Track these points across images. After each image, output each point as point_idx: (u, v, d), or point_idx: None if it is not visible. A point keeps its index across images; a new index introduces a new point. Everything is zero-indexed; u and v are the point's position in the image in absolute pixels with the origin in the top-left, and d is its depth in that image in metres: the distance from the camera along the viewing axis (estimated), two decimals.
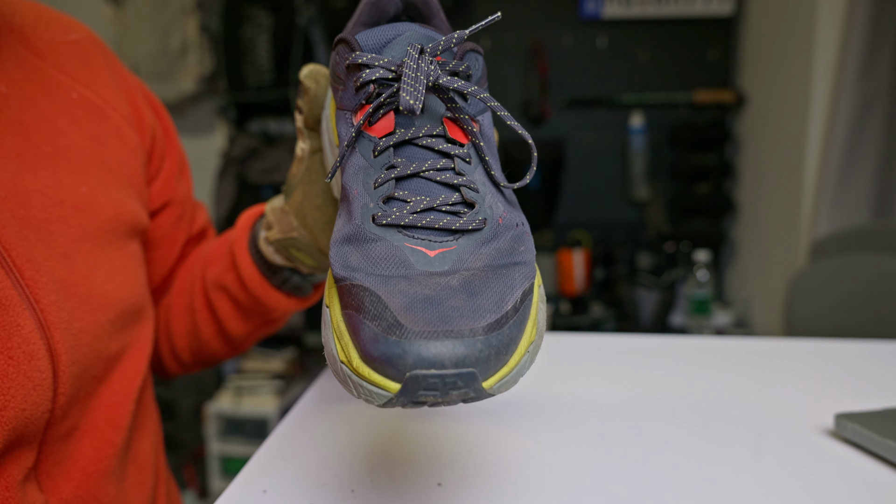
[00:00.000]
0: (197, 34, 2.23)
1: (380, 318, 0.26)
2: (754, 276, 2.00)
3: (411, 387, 0.25)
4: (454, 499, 0.36)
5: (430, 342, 0.25)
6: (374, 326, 0.26)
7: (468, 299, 0.27)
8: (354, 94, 0.34)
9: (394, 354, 0.25)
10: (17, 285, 0.37)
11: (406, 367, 0.25)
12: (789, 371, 0.59)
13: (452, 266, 0.29)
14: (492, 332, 0.26)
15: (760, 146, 1.95)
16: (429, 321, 0.26)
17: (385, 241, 0.30)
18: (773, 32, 1.87)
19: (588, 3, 2.16)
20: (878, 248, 1.17)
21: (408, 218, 0.31)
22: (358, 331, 0.27)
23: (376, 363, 0.26)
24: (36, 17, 0.47)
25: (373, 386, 0.26)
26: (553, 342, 0.68)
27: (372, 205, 0.31)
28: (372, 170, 0.32)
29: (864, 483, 0.38)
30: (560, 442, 0.44)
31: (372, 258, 0.29)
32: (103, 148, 0.47)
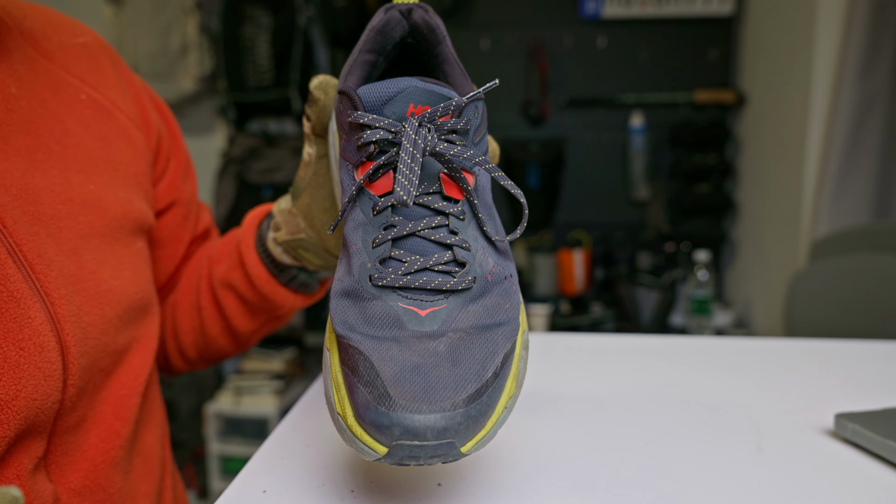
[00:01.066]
0: (197, 34, 2.23)
1: (372, 385, 0.29)
2: (754, 276, 2.00)
3: (397, 453, 0.28)
4: (454, 499, 0.36)
5: (414, 416, 0.28)
6: (367, 393, 0.29)
7: (452, 368, 0.29)
8: (356, 150, 0.35)
9: (382, 424, 0.28)
10: (28, 279, 0.38)
11: (393, 436, 0.28)
12: (789, 371, 0.58)
13: (441, 326, 0.31)
14: (472, 402, 0.29)
15: (760, 146, 1.95)
16: (415, 393, 0.28)
17: (381, 300, 0.32)
18: (773, 32, 1.87)
19: (588, 3, 2.16)
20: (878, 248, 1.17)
21: (402, 280, 0.33)
22: (353, 392, 0.30)
23: (367, 427, 0.29)
24: (45, 20, 0.49)
25: (364, 445, 0.29)
26: (553, 342, 0.68)
27: (370, 265, 0.33)
28: (371, 227, 0.34)
29: (864, 483, 0.38)
30: (560, 442, 0.44)
31: (368, 317, 0.32)
32: (110, 148, 0.48)
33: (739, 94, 2.07)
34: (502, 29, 2.23)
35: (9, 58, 0.43)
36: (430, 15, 0.39)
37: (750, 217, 2.04)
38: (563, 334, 0.71)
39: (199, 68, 2.24)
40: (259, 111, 2.27)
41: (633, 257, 2.25)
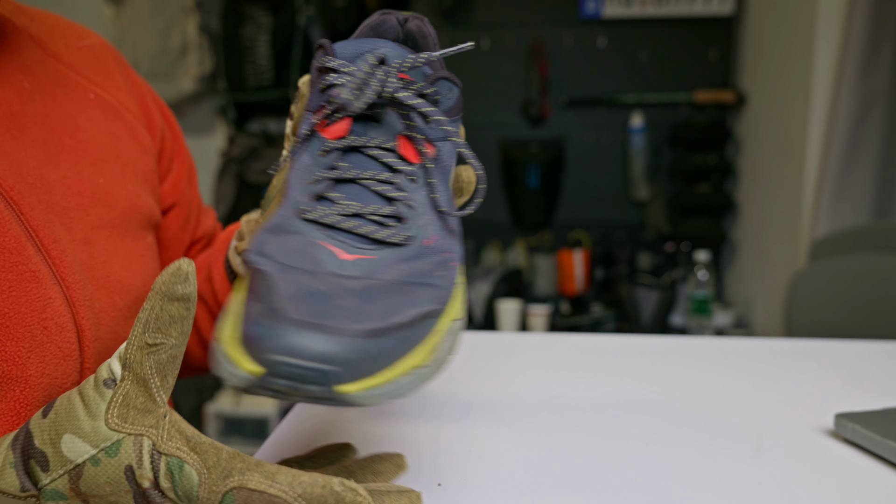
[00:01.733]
0: (197, 34, 2.23)
1: (266, 301, 0.27)
2: (754, 276, 2.00)
3: (270, 372, 0.25)
4: (454, 499, 0.36)
5: (301, 331, 0.25)
6: (258, 307, 0.26)
7: (360, 303, 0.27)
8: (319, 95, 0.34)
9: (262, 336, 0.25)
10: (46, 262, 0.39)
11: (269, 350, 0.25)
12: (789, 371, 0.58)
13: (363, 274, 0.29)
14: (370, 337, 0.25)
15: (760, 146, 1.95)
16: (309, 313, 0.25)
17: (303, 235, 0.30)
18: (773, 32, 1.87)
19: (588, 3, 2.16)
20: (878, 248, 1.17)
21: (331, 218, 0.31)
22: (247, 311, 0.27)
23: (246, 343, 0.26)
24: (52, 25, 0.50)
25: (235, 366, 0.26)
26: (553, 342, 0.68)
27: (302, 199, 0.32)
28: (315, 168, 0.33)
29: (864, 483, 0.38)
30: (560, 442, 0.44)
31: (285, 249, 0.30)
32: (119, 144, 0.49)
33: (739, 94, 2.07)
34: (502, 29, 2.23)
35: (20, 56, 0.44)
36: (426, 24, 0.39)
37: (750, 217, 2.04)
38: (563, 334, 0.71)
39: (199, 68, 2.24)
40: (259, 111, 2.27)
41: (633, 257, 2.25)
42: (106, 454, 0.28)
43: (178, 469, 0.27)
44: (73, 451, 0.28)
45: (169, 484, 0.27)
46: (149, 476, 0.27)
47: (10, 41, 0.44)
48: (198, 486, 0.27)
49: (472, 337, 0.70)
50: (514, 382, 0.56)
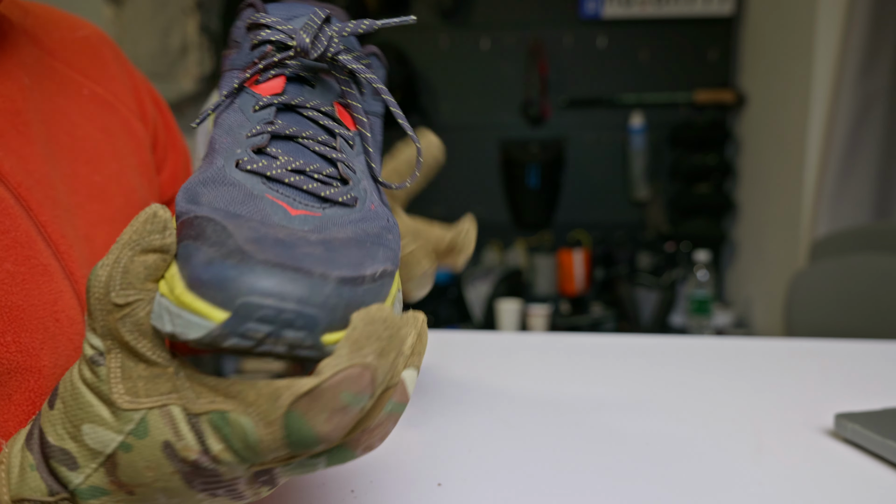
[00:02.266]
0: (197, 34, 2.23)
1: (221, 244, 0.23)
2: (754, 276, 2.00)
3: (241, 316, 0.22)
4: (454, 499, 0.36)
5: (274, 271, 0.22)
6: (212, 252, 0.23)
7: (325, 252, 0.24)
8: (249, 52, 0.33)
9: (228, 277, 0.22)
10: (55, 257, 0.39)
11: (239, 291, 0.22)
12: (789, 371, 0.59)
13: (313, 229, 0.27)
14: (345, 285, 0.23)
15: (760, 146, 1.95)
16: (279, 256, 0.23)
17: (243, 187, 0.27)
18: (773, 32, 1.87)
19: (588, 3, 2.16)
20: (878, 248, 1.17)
21: (276, 171, 0.28)
22: (190, 258, 0.23)
23: (204, 287, 0.22)
24: (46, 17, 0.50)
25: (193, 315, 0.22)
26: (553, 342, 0.68)
27: (239, 151, 0.29)
28: (248, 123, 0.30)
29: (864, 483, 0.38)
30: (560, 442, 0.44)
31: (226, 199, 0.27)
32: (114, 139, 0.49)
33: (739, 94, 2.07)
34: (502, 29, 2.23)
35: (19, 53, 0.44)
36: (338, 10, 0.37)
37: (750, 217, 2.04)
38: (563, 334, 0.71)
39: (199, 68, 2.24)
40: None
41: (633, 257, 2.25)
42: (135, 437, 0.24)
43: (223, 422, 0.23)
44: (98, 441, 0.24)
45: (221, 444, 0.23)
46: (194, 446, 0.23)
47: (9, 38, 0.44)
48: (253, 428, 0.23)
49: (472, 337, 0.70)
50: (514, 382, 0.56)
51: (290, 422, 0.22)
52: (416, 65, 2.27)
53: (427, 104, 2.31)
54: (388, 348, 0.24)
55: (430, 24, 2.26)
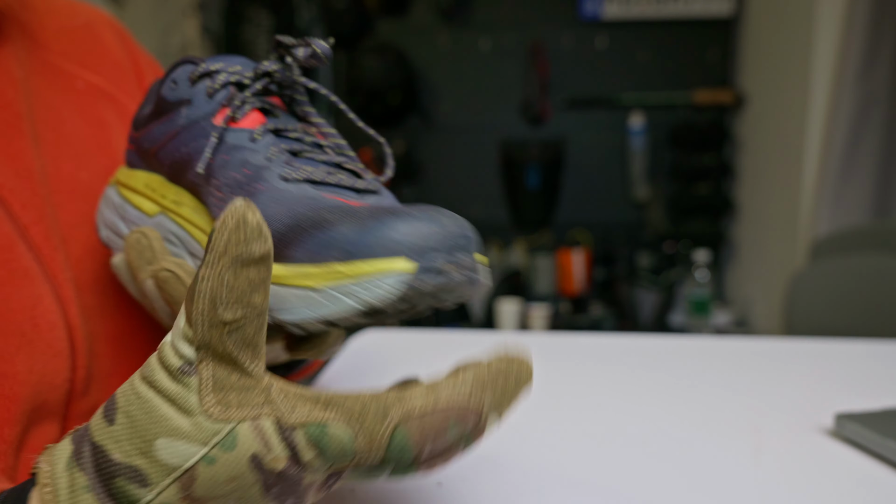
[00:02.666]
0: (197, 34, 2.23)
1: (355, 216, 0.25)
2: (754, 276, 2.00)
3: (423, 254, 0.24)
4: (454, 499, 0.36)
5: (416, 218, 0.24)
6: (353, 225, 0.25)
7: (421, 209, 0.26)
8: (208, 99, 0.34)
9: (391, 231, 0.24)
10: (37, 260, 0.39)
11: (407, 237, 0.24)
12: (789, 371, 0.59)
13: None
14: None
15: (760, 146, 1.95)
16: (401, 211, 0.25)
17: (305, 193, 0.29)
18: (773, 32, 1.87)
19: (588, 4, 2.16)
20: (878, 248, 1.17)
21: (318, 174, 0.30)
22: (341, 237, 0.25)
23: (375, 249, 0.24)
24: (45, 7, 0.49)
25: (381, 277, 0.24)
26: (553, 342, 0.68)
27: (276, 169, 0.30)
28: (258, 151, 0.31)
29: (864, 483, 0.38)
30: (560, 441, 0.44)
31: (304, 203, 0.28)
32: (109, 132, 0.48)
33: (739, 95, 2.07)
34: (502, 29, 2.23)
35: (13, 44, 0.44)
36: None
37: (750, 217, 2.04)
38: (563, 334, 0.71)
39: None
40: None
41: (633, 257, 2.25)
42: (222, 449, 0.23)
43: (322, 434, 0.23)
44: (176, 455, 0.23)
45: (314, 453, 0.23)
46: (283, 456, 0.23)
47: (3, 29, 0.43)
48: (353, 440, 0.23)
49: (472, 337, 0.70)
50: None
51: (394, 440, 0.23)
52: (416, 65, 2.27)
53: (427, 104, 2.31)
54: (503, 401, 0.24)
55: (430, 24, 2.26)
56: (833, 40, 1.54)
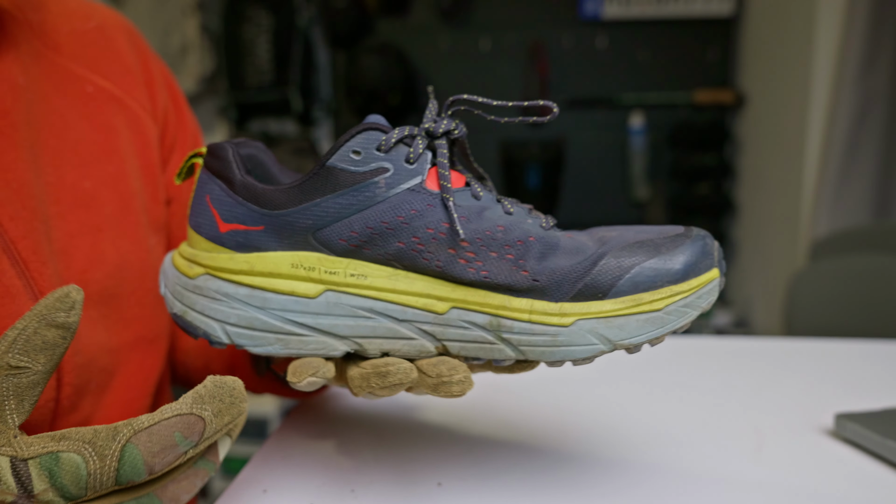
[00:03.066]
0: (197, 34, 2.23)
1: (652, 245, 0.32)
2: (754, 276, 2.00)
3: (720, 263, 0.32)
4: (454, 499, 0.36)
5: (690, 235, 0.33)
6: (653, 253, 0.32)
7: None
8: (408, 166, 0.33)
9: (701, 252, 0.32)
10: (22, 276, 0.38)
11: (706, 251, 0.32)
12: (789, 371, 0.59)
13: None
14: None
15: (760, 146, 1.95)
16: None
17: (576, 238, 0.35)
18: (773, 32, 1.87)
19: (588, 4, 2.16)
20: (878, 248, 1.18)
21: (551, 220, 0.35)
22: (658, 275, 0.32)
23: (692, 272, 0.32)
24: (60, 9, 0.48)
25: (707, 287, 0.32)
26: None
27: (530, 221, 0.34)
28: (490, 208, 0.34)
29: (864, 483, 0.38)
30: (560, 441, 0.44)
31: (564, 247, 0.34)
32: (117, 139, 0.47)
33: (739, 95, 2.07)
34: (502, 29, 2.23)
35: (17, 49, 0.42)
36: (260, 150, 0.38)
37: (750, 217, 2.04)
38: None
39: (199, 68, 2.24)
40: (259, 111, 2.27)
41: None
42: None
43: (55, 462, 0.25)
44: None
45: (46, 484, 0.25)
46: (12, 489, 0.25)
47: (7, 34, 0.42)
48: (85, 463, 0.25)
49: None
50: (514, 382, 0.56)
51: (125, 454, 0.26)
52: (416, 65, 2.27)
53: (427, 104, 2.31)
54: (223, 410, 0.28)
55: (430, 24, 2.26)
56: (833, 40, 1.54)
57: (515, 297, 0.32)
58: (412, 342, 0.33)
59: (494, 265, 0.32)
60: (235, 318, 0.33)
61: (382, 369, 0.32)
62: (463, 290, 0.33)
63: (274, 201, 0.33)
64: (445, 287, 0.33)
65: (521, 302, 0.32)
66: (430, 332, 0.33)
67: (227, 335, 0.33)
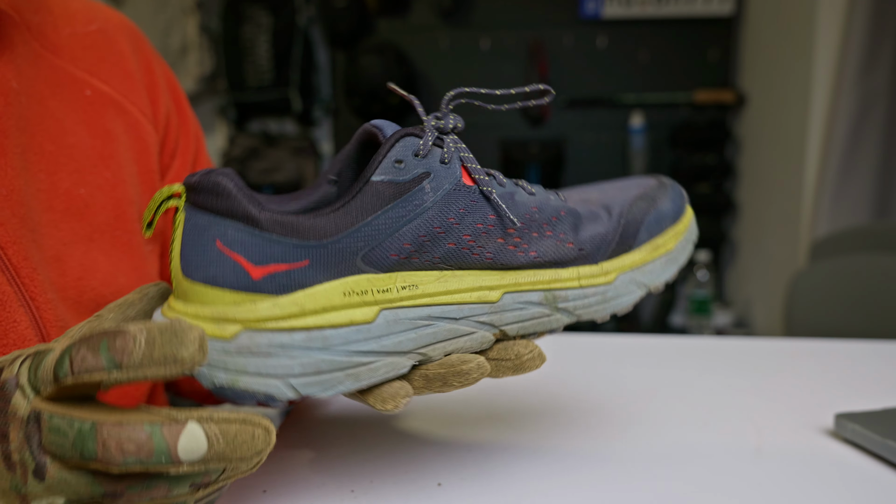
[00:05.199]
0: (197, 34, 2.23)
1: (646, 198, 0.38)
2: (754, 276, 2.00)
3: (687, 200, 0.40)
4: (454, 499, 0.36)
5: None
6: (651, 205, 0.38)
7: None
8: (445, 167, 0.33)
9: (679, 195, 0.39)
10: (12, 282, 0.37)
11: (683, 191, 0.40)
12: (789, 371, 0.59)
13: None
14: None
15: (760, 146, 1.95)
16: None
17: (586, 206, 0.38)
18: (773, 32, 1.87)
19: (588, 3, 2.16)
20: (878, 248, 1.18)
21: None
22: (660, 221, 0.38)
23: (679, 213, 0.38)
24: (62, 10, 0.47)
25: (692, 223, 0.39)
26: (553, 342, 0.68)
27: (552, 198, 0.37)
28: (517, 192, 0.36)
29: (864, 483, 0.38)
30: (559, 442, 0.44)
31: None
32: (115, 144, 0.46)
33: (739, 94, 2.07)
34: (502, 29, 2.24)
35: (11, 52, 0.42)
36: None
37: (750, 217, 2.04)
38: (563, 334, 0.71)
39: (199, 68, 2.24)
40: (259, 111, 2.27)
41: None
42: None
43: (43, 353, 0.27)
44: None
45: (26, 369, 0.27)
46: (13, 371, 0.27)
47: (4, 36, 0.41)
48: (51, 355, 0.27)
49: None
50: (514, 382, 0.56)
51: (65, 350, 0.25)
52: (416, 65, 2.27)
53: (427, 104, 2.31)
54: (158, 342, 0.25)
55: (430, 24, 2.26)
56: (833, 40, 1.54)
57: (563, 269, 0.35)
58: (473, 336, 0.33)
59: (541, 244, 0.34)
60: (300, 369, 0.30)
61: (459, 367, 0.32)
62: (513, 275, 0.34)
63: (319, 230, 0.30)
64: (494, 276, 0.34)
65: (568, 272, 0.35)
66: (489, 322, 0.33)
67: (293, 390, 0.30)
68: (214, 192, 0.29)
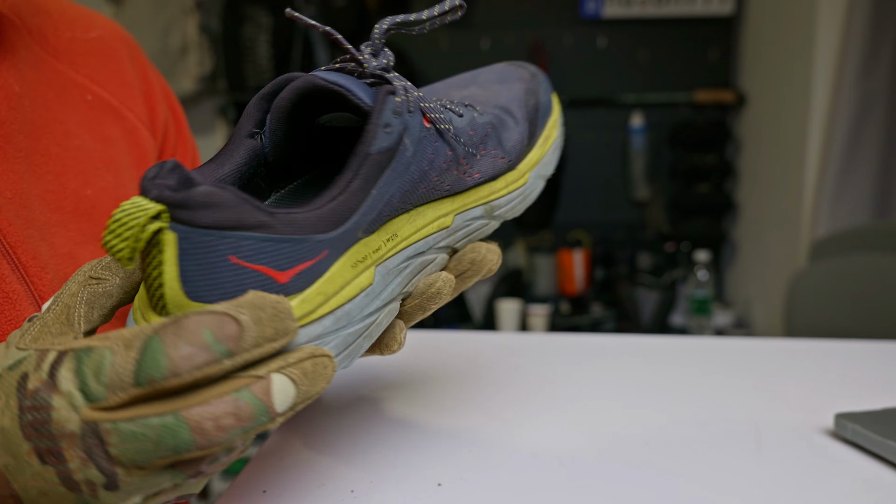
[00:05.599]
0: (197, 34, 2.23)
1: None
2: (754, 276, 2.00)
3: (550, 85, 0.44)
4: (454, 499, 0.36)
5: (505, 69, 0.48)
6: (535, 98, 0.42)
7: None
8: (412, 116, 0.33)
9: (546, 83, 0.45)
10: (22, 281, 0.38)
11: (544, 79, 0.45)
12: (789, 371, 0.59)
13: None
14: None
15: (760, 146, 1.95)
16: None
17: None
18: (773, 32, 1.87)
19: (588, 3, 2.16)
20: (878, 248, 1.18)
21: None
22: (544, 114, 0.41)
23: (551, 101, 0.42)
24: (60, 15, 0.47)
25: (558, 108, 0.44)
26: (553, 342, 0.68)
27: (475, 114, 0.39)
28: (462, 116, 0.38)
29: (864, 483, 0.38)
30: (560, 442, 0.44)
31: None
32: (115, 149, 0.47)
33: (739, 94, 2.07)
34: (502, 29, 2.24)
35: (14, 56, 0.42)
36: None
37: (750, 217, 2.04)
38: (563, 334, 0.71)
39: (199, 68, 2.24)
40: None
41: (633, 257, 2.25)
42: (8, 369, 0.25)
43: (86, 353, 0.24)
44: None
45: (70, 374, 0.23)
46: (42, 376, 0.24)
47: (6, 40, 0.42)
48: (111, 354, 0.23)
49: (472, 337, 0.70)
50: (514, 382, 0.56)
51: (149, 346, 0.23)
52: (416, 65, 2.27)
53: None
54: (264, 320, 0.24)
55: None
56: (833, 40, 1.54)
57: (495, 182, 0.38)
58: (435, 262, 0.36)
59: (482, 165, 0.37)
60: (334, 350, 0.30)
61: (431, 291, 0.35)
62: (461, 198, 0.36)
63: (336, 218, 0.29)
64: (447, 203, 0.36)
65: (499, 182, 0.38)
66: (445, 245, 0.36)
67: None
68: (210, 205, 0.25)
